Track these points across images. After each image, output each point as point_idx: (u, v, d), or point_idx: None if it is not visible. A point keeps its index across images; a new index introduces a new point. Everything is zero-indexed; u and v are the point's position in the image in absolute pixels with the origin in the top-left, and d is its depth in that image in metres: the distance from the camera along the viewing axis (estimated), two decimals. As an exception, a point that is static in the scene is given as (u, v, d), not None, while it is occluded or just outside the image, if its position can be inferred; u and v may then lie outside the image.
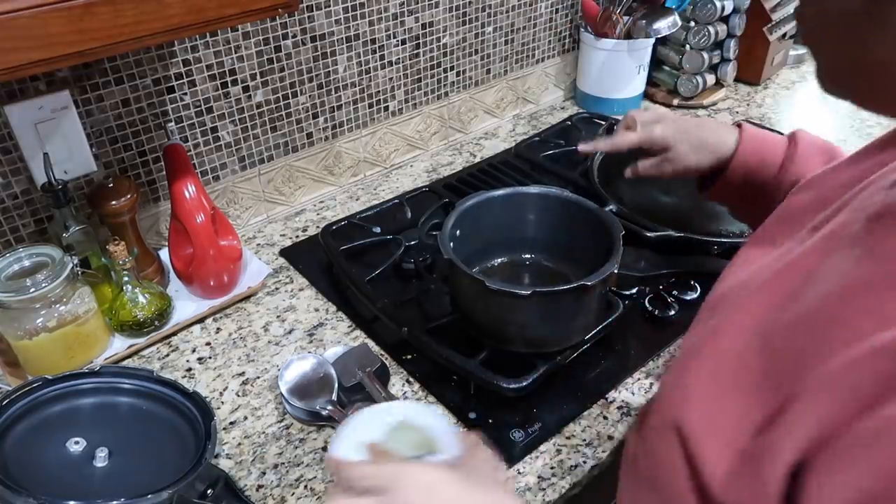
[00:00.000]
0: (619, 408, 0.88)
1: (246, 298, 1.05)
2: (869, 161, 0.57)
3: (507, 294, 0.82)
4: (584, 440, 0.83)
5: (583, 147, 0.98)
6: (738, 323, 0.52)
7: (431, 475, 0.55)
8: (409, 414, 0.66)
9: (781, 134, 0.93)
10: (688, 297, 1.01)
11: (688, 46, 1.56)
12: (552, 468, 0.80)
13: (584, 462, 0.81)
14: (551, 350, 0.88)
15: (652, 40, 1.53)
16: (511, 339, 0.87)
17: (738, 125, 0.90)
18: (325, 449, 0.82)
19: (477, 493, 0.55)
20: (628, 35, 1.49)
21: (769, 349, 0.47)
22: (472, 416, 0.85)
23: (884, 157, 0.55)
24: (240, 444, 0.84)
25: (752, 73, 1.69)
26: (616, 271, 0.85)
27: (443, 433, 0.63)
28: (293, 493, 0.78)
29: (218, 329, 1.00)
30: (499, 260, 1.03)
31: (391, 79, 1.29)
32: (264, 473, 0.80)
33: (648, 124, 0.94)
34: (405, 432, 0.64)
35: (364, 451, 0.61)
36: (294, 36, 1.12)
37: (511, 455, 0.81)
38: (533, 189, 1.00)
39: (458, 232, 0.93)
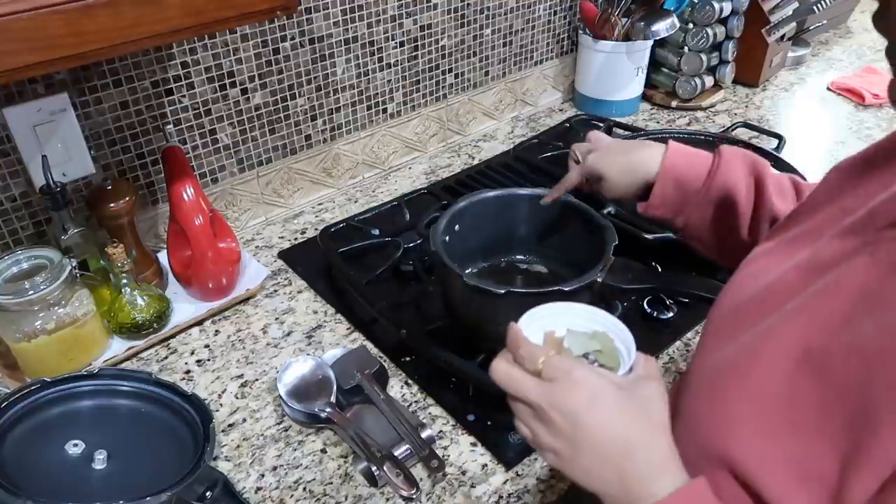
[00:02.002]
0: (618, 409, 0.87)
1: (244, 301, 1.05)
2: (892, 168, 0.54)
3: (482, 291, 0.83)
4: (583, 442, 0.83)
5: (545, 200, 0.97)
6: (779, 344, 0.50)
7: (600, 387, 0.53)
8: (608, 326, 0.62)
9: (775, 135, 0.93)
10: (665, 316, 1.01)
11: (686, 48, 1.56)
12: (550, 470, 0.80)
13: (583, 464, 0.81)
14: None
15: (650, 42, 1.53)
16: (494, 338, 0.87)
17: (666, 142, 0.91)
18: (324, 451, 0.82)
19: (632, 424, 0.52)
20: (627, 37, 1.49)
21: (825, 377, 0.46)
22: (471, 417, 0.85)
23: None
24: (238, 446, 0.84)
25: (750, 74, 1.69)
26: (600, 280, 0.85)
27: (626, 354, 0.59)
28: (292, 496, 0.78)
29: (216, 331, 1.00)
30: (494, 261, 1.04)
31: (389, 81, 1.30)
32: (263, 475, 0.80)
33: (584, 155, 0.95)
34: (592, 342, 0.61)
35: (541, 336, 0.59)
36: (292, 38, 1.12)
37: (509, 457, 0.81)
38: (527, 190, 1.00)
39: (453, 229, 0.94)
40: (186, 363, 0.95)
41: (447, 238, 0.92)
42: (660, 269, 1.06)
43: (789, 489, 0.46)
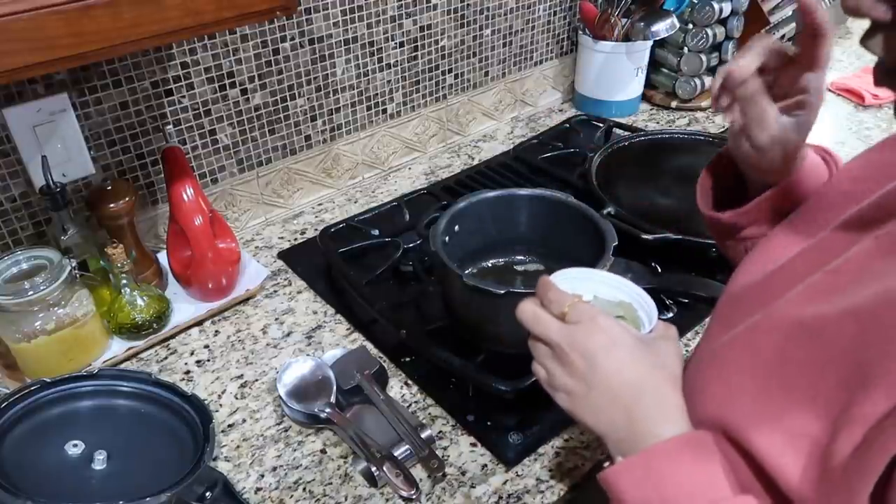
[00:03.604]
0: (618, 410, 0.88)
1: (244, 301, 1.05)
2: None
3: (482, 292, 0.83)
4: (583, 442, 0.83)
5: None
6: (777, 319, 0.52)
7: (619, 335, 0.57)
8: (633, 297, 0.65)
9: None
10: (665, 317, 1.00)
11: (686, 49, 1.56)
12: (550, 471, 0.80)
13: (583, 465, 0.81)
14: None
15: (650, 42, 1.53)
16: (494, 338, 0.88)
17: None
18: (323, 451, 0.82)
19: (645, 373, 0.55)
20: (626, 37, 1.49)
21: (818, 341, 0.47)
22: (471, 418, 0.85)
23: None
24: (238, 446, 0.84)
25: (749, 75, 1.69)
26: None
27: (648, 322, 0.63)
28: (292, 496, 0.78)
29: (216, 332, 1.00)
30: (494, 262, 1.04)
31: (389, 81, 1.30)
32: (263, 476, 0.80)
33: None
34: (616, 308, 0.64)
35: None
36: (292, 38, 1.12)
37: (509, 457, 0.81)
38: (527, 191, 1.00)
39: (453, 230, 0.94)
40: (186, 363, 0.95)
41: (447, 238, 0.92)
42: (659, 270, 1.06)
43: (776, 445, 0.47)
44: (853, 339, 0.45)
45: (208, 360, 0.95)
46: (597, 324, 0.57)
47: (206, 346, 0.98)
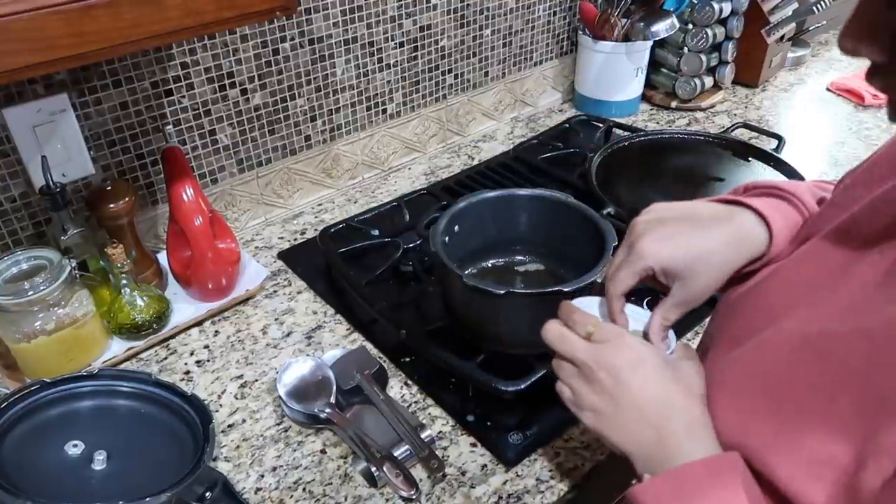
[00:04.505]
0: (618, 410, 0.87)
1: (244, 301, 1.05)
2: None
3: (482, 292, 0.83)
4: (583, 443, 0.83)
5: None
6: (784, 336, 0.51)
7: (646, 352, 0.58)
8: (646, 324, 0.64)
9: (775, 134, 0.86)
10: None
11: (686, 49, 1.57)
12: (550, 471, 0.80)
13: (583, 465, 0.81)
14: (549, 352, 0.88)
15: (650, 43, 1.53)
16: (494, 338, 0.88)
17: (756, 213, 0.63)
18: (323, 452, 0.82)
19: (672, 389, 0.56)
20: (626, 37, 1.49)
21: (826, 361, 0.47)
22: (471, 418, 0.85)
23: None
24: (238, 446, 0.84)
25: (750, 75, 1.69)
26: (600, 280, 0.85)
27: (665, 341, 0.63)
28: (291, 496, 0.78)
29: (216, 332, 1.00)
30: (494, 262, 1.03)
31: (389, 81, 1.30)
32: (263, 476, 0.80)
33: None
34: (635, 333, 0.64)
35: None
36: (292, 38, 1.12)
37: (509, 458, 0.81)
38: (527, 191, 1.00)
39: (453, 230, 0.94)
40: (186, 364, 0.95)
41: (447, 238, 0.92)
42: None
43: (799, 473, 0.47)
44: (866, 359, 0.45)
45: (208, 361, 0.95)
46: (624, 342, 0.57)
47: (206, 347, 0.98)
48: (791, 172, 1.24)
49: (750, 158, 1.31)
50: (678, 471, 0.51)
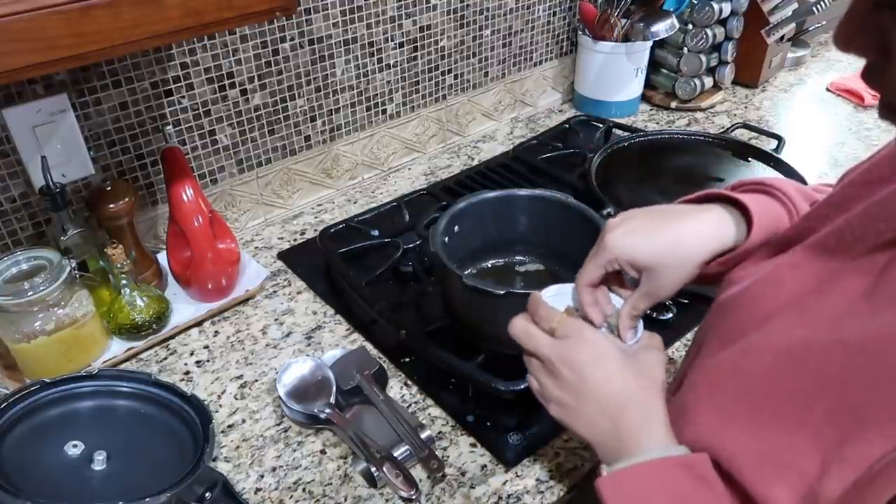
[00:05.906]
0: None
1: (244, 301, 1.05)
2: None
3: (482, 292, 0.83)
4: (582, 443, 0.83)
5: None
6: (767, 342, 0.52)
7: (606, 347, 0.60)
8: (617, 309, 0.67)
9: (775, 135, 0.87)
10: (664, 317, 1.01)
11: (685, 49, 1.57)
12: (550, 471, 0.80)
13: (582, 465, 0.81)
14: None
15: (650, 43, 1.53)
16: (494, 339, 0.88)
17: (739, 205, 0.65)
18: (323, 452, 0.82)
19: (630, 382, 0.58)
20: (626, 38, 1.49)
21: (804, 368, 0.47)
22: (470, 418, 0.85)
23: None
24: (238, 447, 0.84)
25: (749, 75, 1.70)
26: None
27: (635, 332, 0.65)
28: (291, 496, 0.78)
29: (216, 332, 1.00)
30: (494, 262, 1.04)
31: (389, 82, 1.30)
32: (262, 476, 0.80)
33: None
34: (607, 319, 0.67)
35: (560, 309, 0.66)
36: (292, 39, 1.12)
37: (509, 458, 0.81)
38: (527, 191, 1.00)
39: (453, 230, 0.94)
40: (186, 364, 0.95)
41: (447, 239, 0.92)
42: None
43: (766, 478, 0.48)
44: (840, 369, 0.45)
45: (208, 361, 0.95)
46: (584, 337, 0.60)
47: (206, 347, 0.98)
48: (791, 173, 1.23)
49: (750, 159, 1.32)
50: (642, 466, 0.54)
